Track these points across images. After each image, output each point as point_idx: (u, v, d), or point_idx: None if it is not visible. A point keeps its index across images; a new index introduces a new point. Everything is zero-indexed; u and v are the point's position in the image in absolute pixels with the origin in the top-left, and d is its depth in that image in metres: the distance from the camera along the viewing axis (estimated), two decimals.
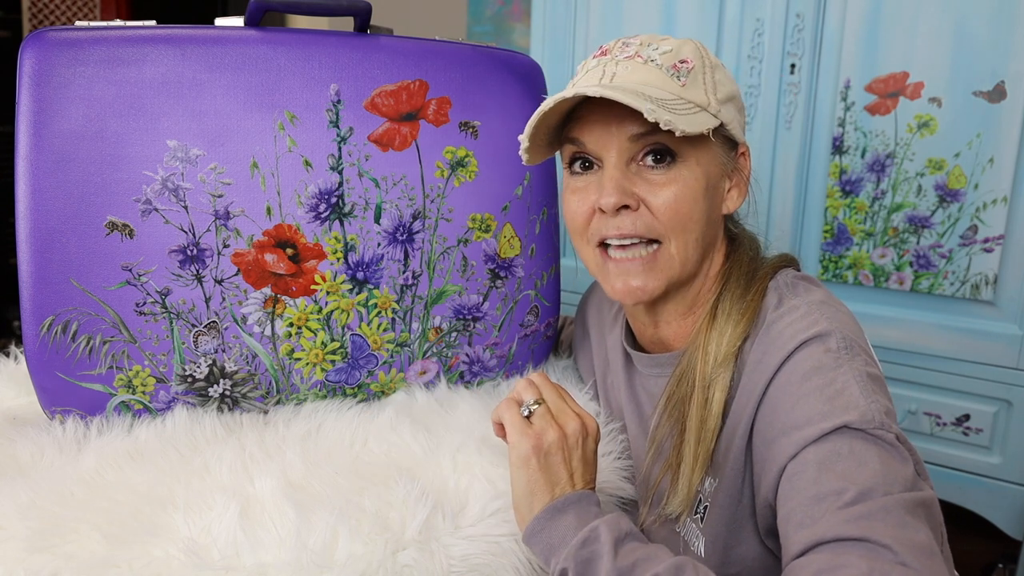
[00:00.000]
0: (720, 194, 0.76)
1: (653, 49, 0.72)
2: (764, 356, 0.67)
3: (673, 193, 0.71)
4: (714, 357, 0.71)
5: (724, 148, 0.74)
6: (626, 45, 0.73)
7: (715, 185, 0.74)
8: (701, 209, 0.72)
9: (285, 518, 0.62)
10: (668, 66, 0.71)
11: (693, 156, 0.71)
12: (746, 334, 0.71)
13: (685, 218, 0.71)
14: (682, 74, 0.71)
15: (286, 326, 0.79)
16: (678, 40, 0.73)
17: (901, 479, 0.57)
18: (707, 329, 0.73)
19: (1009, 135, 1.30)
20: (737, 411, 0.69)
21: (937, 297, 1.41)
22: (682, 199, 0.71)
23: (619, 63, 0.72)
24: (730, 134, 0.74)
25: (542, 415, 0.68)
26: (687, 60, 0.71)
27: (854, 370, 0.63)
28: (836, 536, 0.55)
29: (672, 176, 0.71)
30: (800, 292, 0.72)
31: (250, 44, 0.76)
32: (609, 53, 0.74)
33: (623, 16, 1.63)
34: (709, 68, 0.72)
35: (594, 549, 0.60)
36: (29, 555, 0.58)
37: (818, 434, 0.60)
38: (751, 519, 0.69)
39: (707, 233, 0.74)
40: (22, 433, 0.75)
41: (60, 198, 0.72)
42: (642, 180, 0.71)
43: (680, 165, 0.71)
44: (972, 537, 1.55)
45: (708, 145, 0.72)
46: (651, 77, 0.70)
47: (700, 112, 0.70)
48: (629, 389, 0.86)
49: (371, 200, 0.81)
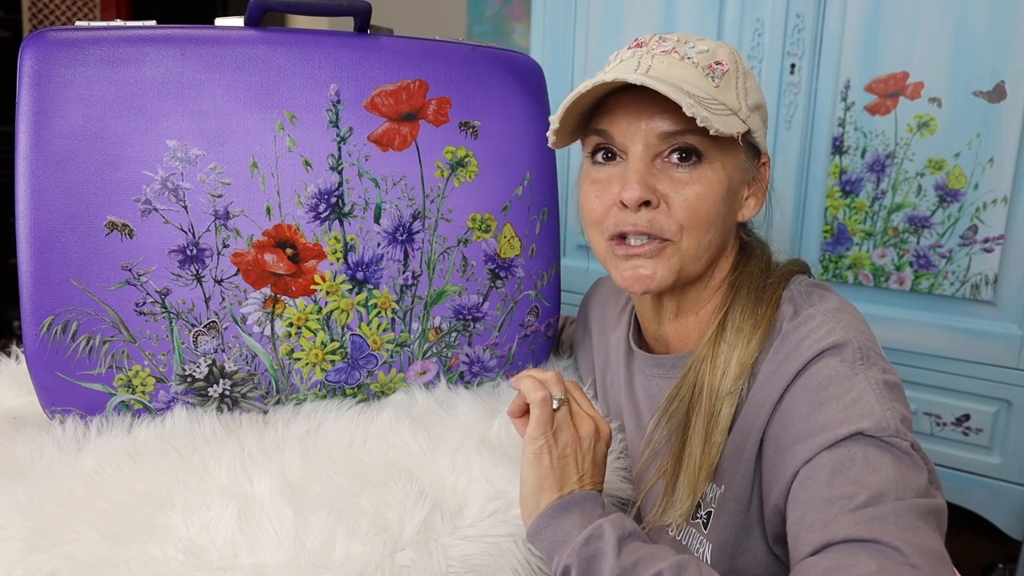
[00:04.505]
0: (739, 200, 0.76)
1: (690, 47, 0.71)
2: (780, 367, 0.67)
3: (696, 192, 0.70)
4: (723, 371, 0.71)
5: (748, 155, 0.75)
6: (663, 40, 0.73)
7: (735, 191, 0.74)
8: (719, 212, 0.72)
9: (283, 518, 0.62)
10: (704, 65, 0.70)
11: (719, 159, 0.71)
12: (761, 346, 0.70)
13: (703, 218, 0.71)
14: (716, 75, 0.70)
15: (286, 326, 0.79)
16: (714, 42, 0.73)
17: (914, 486, 0.58)
18: (716, 339, 0.73)
19: (1009, 135, 1.29)
20: (749, 419, 0.69)
21: (937, 297, 1.41)
22: (703, 199, 0.70)
23: (655, 56, 0.71)
24: (755, 142, 0.74)
25: (564, 414, 0.67)
26: (722, 62, 0.71)
27: (870, 379, 0.63)
28: (846, 537, 0.55)
29: (697, 175, 0.71)
30: (815, 301, 0.71)
31: (250, 44, 0.76)
32: (645, 45, 0.73)
33: (623, 16, 1.63)
34: (742, 74, 0.72)
35: (598, 547, 0.60)
36: (28, 555, 0.58)
37: (833, 440, 0.60)
38: (759, 526, 0.69)
39: (720, 236, 0.74)
40: (22, 433, 0.75)
41: (60, 198, 0.72)
42: (666, 177, 0.71)
43: (705, 165, 0.71)
44: (972, 537, 1.55)
45: (734, 150, 0.72)
46: (687, 74, 0.69)
47: (732, 115, 0.70)
48: (628, 388, 0.85)
49: (371, 200, 0.81)
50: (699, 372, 0.73)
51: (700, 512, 0.73)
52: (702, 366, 0.73)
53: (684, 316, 0.79)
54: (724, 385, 0.70)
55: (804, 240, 1.51)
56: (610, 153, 0.73)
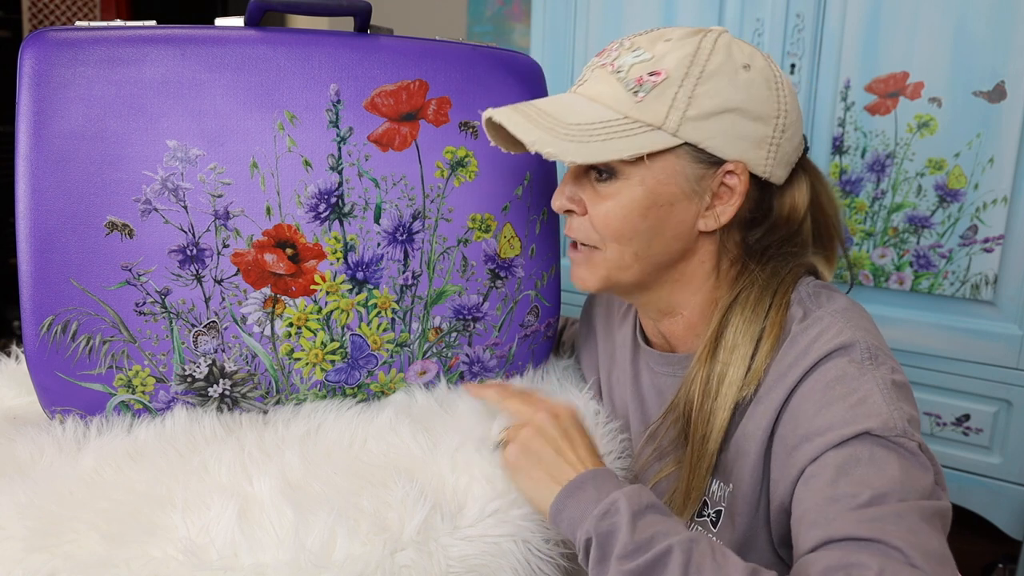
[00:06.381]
0: (685, 210, 0.72)
1: (635, 55, 0.70)
2: (789, 368, 0.67)
3: (607, 208, 0.72)
4: (722, 374, 0.71)
5: (697, 165, 0.70)
6: (619, 46, 0.73)
7: (670, 203, 0.71)
8: (637, 226, 0.72)
9: (283, 518, 0.62)
10: (633, 79, 0.70)
11: (636, 174, 0.70)
12: (771, 354, 0.70)
13: (617, 232, 0.72)
14: (644, 88, 0.69)
15: (286, 326, 0.79)
16: (679, 42, 0.70)
17: (919, 487, 0.58)
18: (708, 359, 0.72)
19: (1009, 135, 1.29)
20: (757, 419, 0.69)
21: (937, 297, 1.41)
22: (613, 214, 0.72)
23: (594, 70, 0.74)
24: (709, 149, 0.69)
25: (511, 430, 0.72)
26: (659, 72, 0.69)
27: (878, 379, 0.63)
28: (848, 535, 0.55)
29: (610, 191, 0.72)
30: (823, 302, 0.71)
31: (250, 44, 0.76)
32: (603, 54, 0.75)
33: (623, 16, 1.63)
34: (693, 80, 0.68)
35: (614, 521, 0.61)
36: (27, 555, 0.58)
37: (839, 439, 0.60)
38: (765, 528, 0.69)
39: (653, 247, 0.73)
40: (22, 433, 0.75)
41: (60, 198, 0.72)
42: (591, 189, 0.74)
43: (620, 181, 0.71)
44: (972, 537, 1.55)
45: (663, 163, 0.70)
46: (606, 92, 0.71)
47: (646, 132, 0.68)
48: (635, 385, 0.86)
49: (371, 200, 0.81)
50: (697, 373, 0.73)
51: (708, 510, 0.73)
52: (693, 385, 0.73)
53: (671, 317, 0.79)
54: (725, 390, 0.70)
55: None
56: None
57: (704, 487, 0.72)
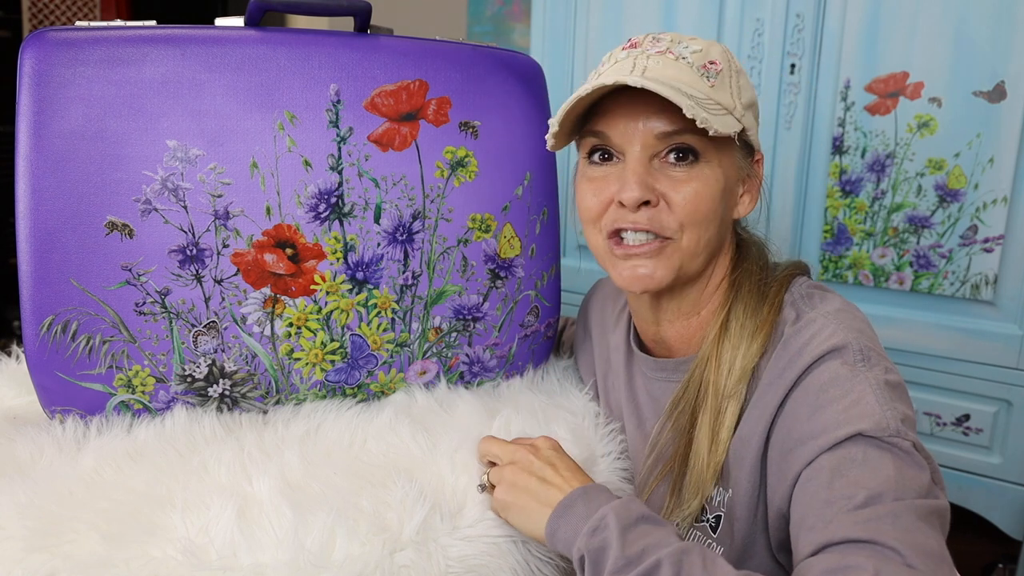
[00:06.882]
0: (734, 198, 0.76)
1: (684, 47, 0.72)
2: (783, 372, 0.67)
3: (694, 190, 0.71)
4: (729, 370, 0.71)
5: (742, 153, 0.75)
6: (657, 40, 0.73)
7: (731, 188, 0.75)
8: (717, 209, 0.72)
9: (283, 518, 0.62)
10: (699, 65, 0.71)
11: (715, 157, 0.72)
12: (763, 350, 0.71)
13: (702, 215, 0.71)
14: (711, 75, 0.71)
15: (285, 326, 0.79)
16: (706, 41, 0.73)
17: (915, 486, 0.58)
18: (719, 339, 0.73)
19: (1009, 135, 1.29)
20: (753, 424, 0.69)
21: (937, 297, 1.41)
22: (702, 197, 0.71)
23: (650, 57, 0.71)
24: (750, 139, 0.74)
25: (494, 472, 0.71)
26: (716, 61, 0.71)
27: (871, 380, 0.63)
28: (844, 538, 0.55)
29: (694, 174, 0.71)
30: (816, 304, 0.72)
31: (250, 44, 0.76)
32: (639, 46, 0.73)
33: (623, 16, 1.63)
34: (735, 72, 0.73)
35: (604, 536, 0.61)
36: (27, 555, 0.58)
37: (833, 442, 0.60)
38: (764, 533, 0.69)
39: (718, 234, 0.74)
40: (22, 432, 0.75)
41: (60, 198, 0.72)
42: (664, 176, 0.71)
43: (703, 164, 0.71)
44: (972, 537, 1.55)
45: (729, 148, 0.73)
46: (683, 75, 0.69)
47: (727, 114, 0.70)
48: (629, 390, 0.85)
49: (371, 200, 0.81)
50: (704, 371, 0.73)
51: (707, 515, 0.73)
52: (707, 365, 0.73)
53: (686, 318, 0.79)
54: (729, 384, 0.71)
55: (804, 240, 1.51)
56: (607, 154, 0.73)
57: (710, 488, 0.71)
